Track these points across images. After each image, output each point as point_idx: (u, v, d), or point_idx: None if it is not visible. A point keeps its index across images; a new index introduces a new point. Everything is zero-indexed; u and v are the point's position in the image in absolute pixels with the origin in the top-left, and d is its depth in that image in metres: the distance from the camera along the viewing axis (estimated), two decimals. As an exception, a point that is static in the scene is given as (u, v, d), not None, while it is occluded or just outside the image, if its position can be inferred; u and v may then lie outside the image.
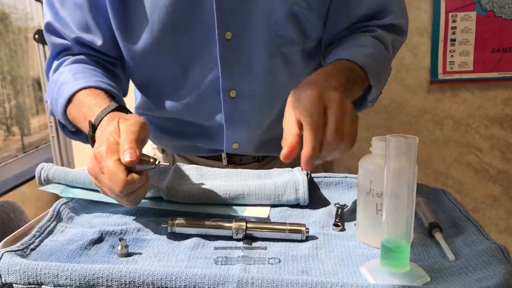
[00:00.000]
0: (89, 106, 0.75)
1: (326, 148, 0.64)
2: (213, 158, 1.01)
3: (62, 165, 1.98)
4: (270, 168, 0.87)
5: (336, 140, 0.63)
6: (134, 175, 0.62)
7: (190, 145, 0.99)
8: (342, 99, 0.66)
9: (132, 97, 1.05)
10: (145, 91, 0.97)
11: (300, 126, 0.65)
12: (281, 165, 1.00)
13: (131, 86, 1.01)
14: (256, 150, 0.98)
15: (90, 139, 0.74)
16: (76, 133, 0.86)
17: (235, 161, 1.00)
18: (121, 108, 0.75)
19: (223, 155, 0.99)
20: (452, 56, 1.70)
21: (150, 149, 1.08)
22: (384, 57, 0.90)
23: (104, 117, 0.72)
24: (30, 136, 2.19)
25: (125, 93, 0.99)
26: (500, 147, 1.76)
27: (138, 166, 0.63)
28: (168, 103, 0.94)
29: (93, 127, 0.72)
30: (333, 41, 0.94)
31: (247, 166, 0.99)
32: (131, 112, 0.77)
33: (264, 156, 1.02)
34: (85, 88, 0.79)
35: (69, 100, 0.80)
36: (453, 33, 1.68)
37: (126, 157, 0.61)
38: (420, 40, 1.72)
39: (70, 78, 0.82)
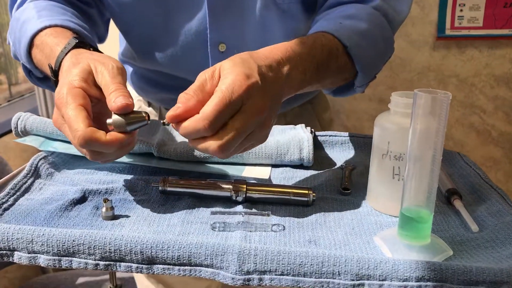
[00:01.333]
0: (51, 47, 0.64)
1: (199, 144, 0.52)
2: None
3: (48, 115, 1.89)
4: None
5: (213, 151, 0.51)
6: (100, 135, 0.50)
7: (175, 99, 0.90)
8: (266, 117, 0.53)
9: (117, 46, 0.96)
10: (128, 37, 0.87)
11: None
12: (278, 122, 0.93)
13: (116, 32, 0.91)
14: None
15: (55, 86, 0.62)
16: (44, 80, 0.75)
17: None
18: (83, 44, 0.63)
19: None
20: (461, 10, 1.61)
21: (135, 101, 0.98)
22: (383, 34, 0.74)
23: (64, 57, 0.60)
24: (18, 86, 2.09)
25: (101, 38, 0.89)
26: (504, 109, 1.70)
27: (128, 127, 0.52)
28: (152, 53, 0.84)
29: (54, 72, 0.62)
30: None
31: None
32: (97, 49, 0.65)
33: None
34: (49, 26, 0.67)
35: (32, 41, 0.68)
36: (464, -15, 1.58)
37: (119, 100, 0.51)
38: (428, -8, 1.62)
39: (33, 16, 0.70)
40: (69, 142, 0.69)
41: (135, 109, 0.54)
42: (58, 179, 0.64)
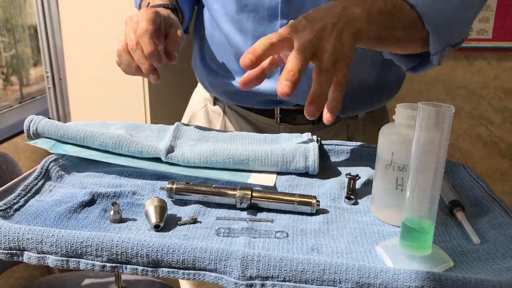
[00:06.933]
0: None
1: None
2: (265, 114, 0.94)
3: (58, 117, 1.91)
4: (325, 134, 0.80)
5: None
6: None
7: (240, 90, 0.91)
8: (338, 45, 0.58)
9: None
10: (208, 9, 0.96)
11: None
12: (336, 133, 0.94)
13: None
14: None
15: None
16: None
17: (289, 119, 0.93)
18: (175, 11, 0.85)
19: (276, 110, 0.92)
20: (470, 22, 1.61)
21: (201, 99, 1.02)
22: None
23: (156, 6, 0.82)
24: (29, 87, 2.12)
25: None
26: (512, 121, 1.70)
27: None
28: (226, 27, 0.88)
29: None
30: None
31: (301, 127, 0.92)
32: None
33: (320, 119, 0.93)
34: None
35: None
36: (474, -2, 1.59)
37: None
38: (438, 3, 1.63)
39: None
40: (79, 146, 0.71)
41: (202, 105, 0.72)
42: (68, 182, 0.65)
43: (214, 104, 1.01)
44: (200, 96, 1.04)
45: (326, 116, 0.59)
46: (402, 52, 0.76)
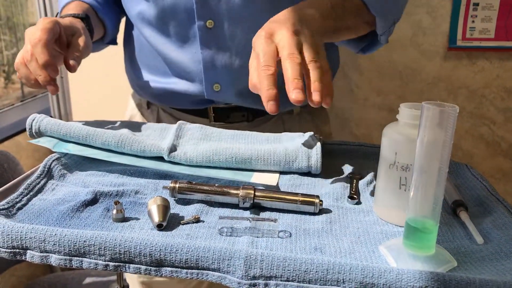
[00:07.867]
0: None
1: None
2: (198, 114, 0.94)
3: (60, 116, 1.91)
4: (261, 131, 0.81)
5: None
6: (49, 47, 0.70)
7: (170, 92, 0.92)
8: (294, 39, 0.61)
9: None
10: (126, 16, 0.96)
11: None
12: (272, 129, 0.93)
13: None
14: (241, 96, 0.89)
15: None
16: None
17: (223, 118, 0.93)
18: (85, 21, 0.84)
19: (209, 110, 0.92)
20: (473, 21, 1.61)
21: (137, 103, 1.02)
22: None
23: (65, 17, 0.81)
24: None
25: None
26: (515, 121, 1.69)
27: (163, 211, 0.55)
28: (150, 32, 0.88)
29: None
30: None
31: (236, 125, 0.92)
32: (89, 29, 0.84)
33: (255, 115, 0.94)
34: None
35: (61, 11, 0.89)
36: (477, -3, 1.58)
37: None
38: (440, 2, 1.62)
39: None
40: (82, 144, 0.71)
41: (136, 110, 0.62)
42: (70, 181, 0.65)
43: (148, 107, 1.00)
44: (135, 100, 1.03)
45: (326, 100, 0.59)
46: (353, 37, 0.80)
